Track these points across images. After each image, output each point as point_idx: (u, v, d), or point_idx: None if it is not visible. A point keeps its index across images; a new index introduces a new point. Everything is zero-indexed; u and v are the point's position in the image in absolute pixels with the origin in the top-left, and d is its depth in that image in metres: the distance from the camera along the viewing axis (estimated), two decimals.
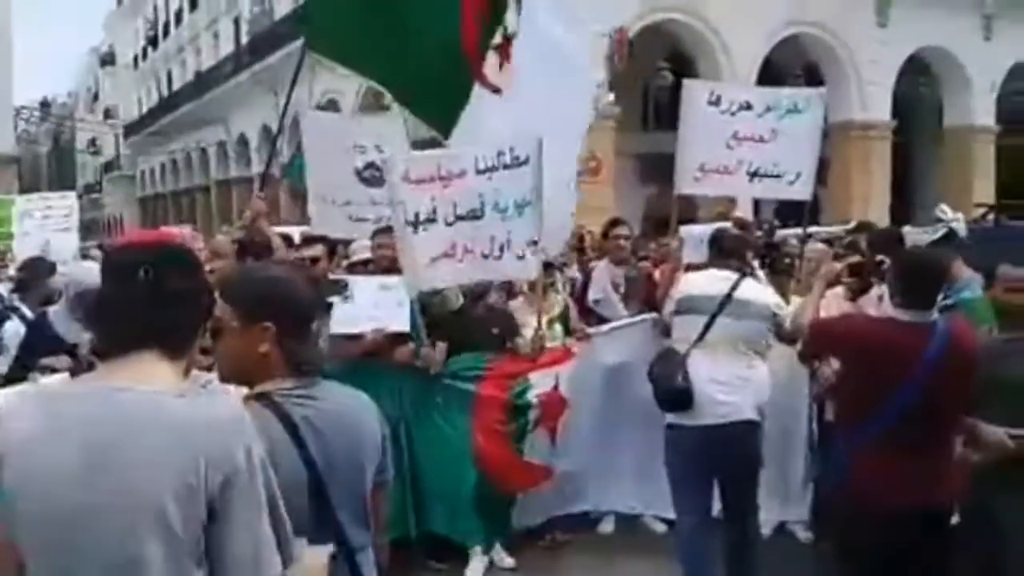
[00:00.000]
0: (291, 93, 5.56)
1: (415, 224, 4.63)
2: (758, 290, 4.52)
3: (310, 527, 1.95)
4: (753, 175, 5.97)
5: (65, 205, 7.56)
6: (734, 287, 4.32)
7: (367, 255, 5.44)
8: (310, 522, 1.95)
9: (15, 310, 5.57)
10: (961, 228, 5.61)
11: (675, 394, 4.28)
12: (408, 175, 4.63)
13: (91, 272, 5.16)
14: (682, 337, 4.40)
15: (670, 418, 4.41)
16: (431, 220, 4.63)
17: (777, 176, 5.98)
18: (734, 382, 4.29)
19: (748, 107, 6.00)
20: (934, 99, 22.63)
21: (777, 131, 5.92)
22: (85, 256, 7.06)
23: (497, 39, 5.43)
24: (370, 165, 5.90)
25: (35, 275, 5.82)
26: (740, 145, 5.94)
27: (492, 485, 4.91)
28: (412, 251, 4.64)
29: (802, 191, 6.01)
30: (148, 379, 1.63)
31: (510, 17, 5.48)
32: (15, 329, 5.23)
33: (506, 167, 4.63)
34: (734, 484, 4.41)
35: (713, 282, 4.39)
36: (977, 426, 3.35)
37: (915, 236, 4.16)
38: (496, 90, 5.41)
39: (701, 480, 4.37)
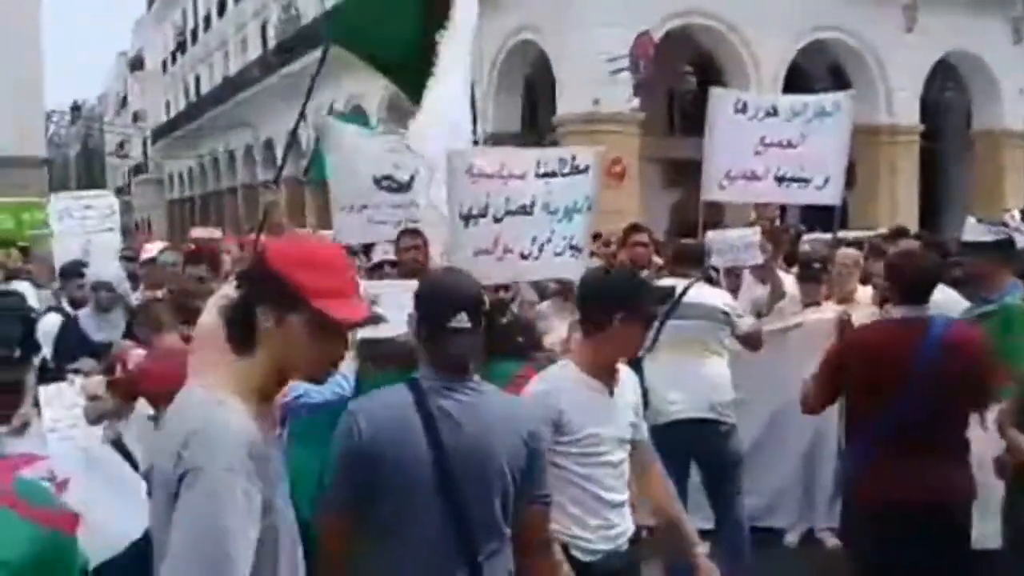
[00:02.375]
0: (310, 93, 5.61)
1: (467, 218, 4.66)
2: (708, 293, 4.68)
3: (433, 511, 2.13)
4: (781, 180, 5.94)
5: (105, 204, 7.27)
6: (683, 292, 4.47)
7: (391, 256, 5.42)
8: (433, 506, 2.13)
9: (58, 309, 5.62)
10: (1021, 239, 5.58)
11: None
12: (472, 169, 4.66)
13: (111, 271, 5.22)
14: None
15: None
16: (481, 215, 4.66)
17: (805, 181, 5.94)
18: (685, 381, 4.43)
19: (774, 113, 5.98)
20: (963, 103, 22.40)
21: (805, 135, 5.88)
22: (123, 259, 6.93)
23: None
24: (387, 177, 5.91)
25: (65, 277, 5.88)
26: (767, 151, 5.90)
27: None
28: (460, 246, 4.69)
29: (831, 196, 5.96)
30: None
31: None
32: (53, 322, 5.30)
33: (565, 175, 4.66)
34: (706, 481, 4.57)
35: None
36: (1014, 436, 3.31)
37: (975, 231, 4.13)
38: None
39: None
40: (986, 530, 3.43)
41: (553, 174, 4.63)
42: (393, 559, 2.17)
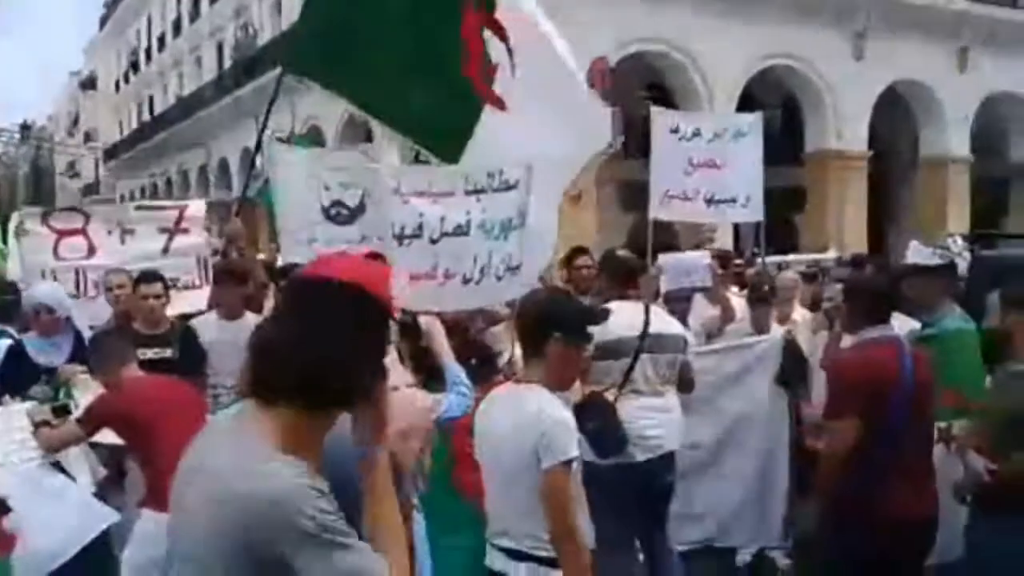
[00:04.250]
0: (268, 116, 5.49)
1: (400, 238, 4.51)
2: (667, 321, 4.53)
3: None
4: (710, 201, 6.22)
5: None
6: (647, 322, 4.28)
7: None
8: None
9: (2, 333, 5.43)
10: (962, 263, 5.78)
11: (615, 443, 4.19)
12: (399, 188, 4.53)
13: (52, 292, 5.07)
14: (605, 380, 4.26)
15: (588, 456, 4.06)
16: (416, 236, 4.50)
17: (732, 201, 6.24)
18: (659, 416, 4.31)
19: (699, 133, 6.27)
20: (910, 129, 22.97)
21: (727, 155, 6.19)
22: None
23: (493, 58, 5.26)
24: (336, 203, 5.80)
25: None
26: (696, 171, 6.19)
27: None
28: (395, 268, 4.56)
29: (752, 213, 6.26)
30: None
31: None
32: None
33: (495, 190, 4.52)
34: (653, 511, 4.41)
35: (627, 317, 4.25)
36: (966, 453, 3.41)
37: (919, 254, 4.24)
38: (503, 106, 5.07)
39: (625, 512, 4.25)
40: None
41: (482, 191, 4.51)
42: None
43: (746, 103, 19.16)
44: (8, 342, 5.11)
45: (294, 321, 1.60)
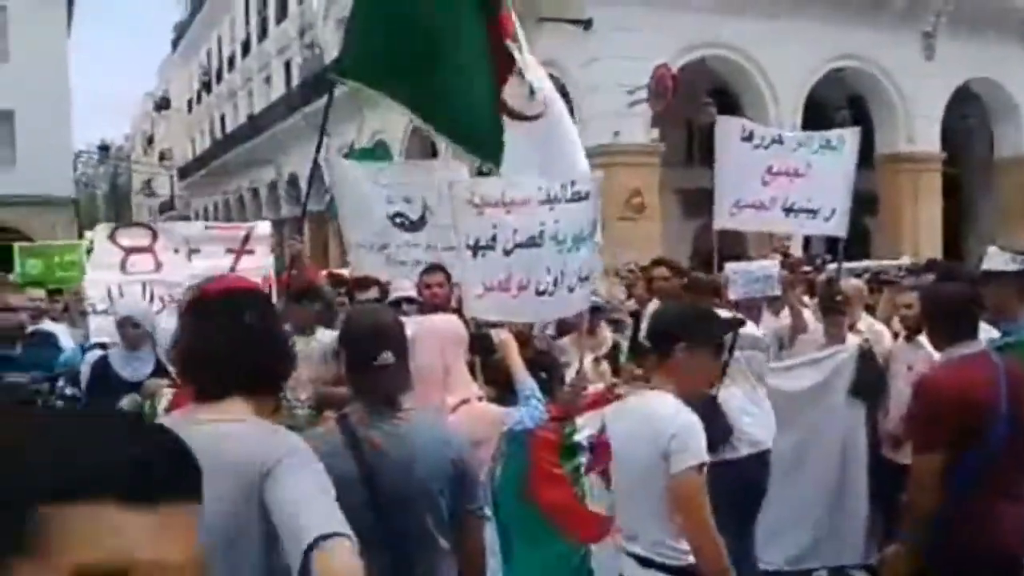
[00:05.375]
0: (324, 127, 5.62)
1: (474, 249, 4.58)
2: (749, 323, 4.74)
3: (366, 531, 2.15)
4: (788, 210, 5.95)
5: None
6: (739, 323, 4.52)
7: (408, 293, 5.46)
8: (366, 527, 2.18)
9: (102, 346, 5.65)
10: None
11: (720, 432, 4.30)
12: (473, 198, 4.60)
13: (137, 306, 5.26)
14: None
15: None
16: (490, 247, 4.56)
17: (812, 212, 5.96)
18: (755, 412, 4.50)
19: (780, 141, 6.02)
20: (985, 129, 22.30)
21: (811, 164, 5.90)
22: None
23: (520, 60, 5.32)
24: (399, 214, 5.91)
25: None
26: (775, 180, 5.92)
27: (559, 533, 4.76)
28: (469, 279, 4.61)
29: (837, 228, 5.96)
30: None
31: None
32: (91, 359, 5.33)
33: (568, 200, 4.53)
34: (744, 516, 4.45)
35: None
36: None
37: (997, 259, 4.11)
38: (522, 117, 5.23)
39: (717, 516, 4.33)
40: None
41: (556, 200, 4.52)
42: None
43: (812, 106, 18.88)
44: (95, 355, 5.32)
45: (223, 329, 1.93)
